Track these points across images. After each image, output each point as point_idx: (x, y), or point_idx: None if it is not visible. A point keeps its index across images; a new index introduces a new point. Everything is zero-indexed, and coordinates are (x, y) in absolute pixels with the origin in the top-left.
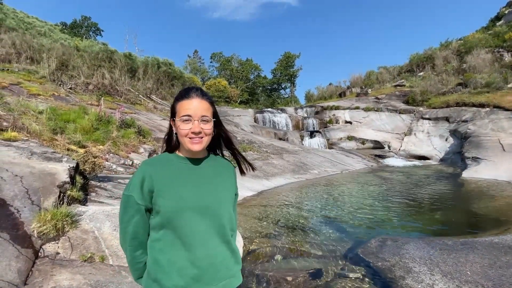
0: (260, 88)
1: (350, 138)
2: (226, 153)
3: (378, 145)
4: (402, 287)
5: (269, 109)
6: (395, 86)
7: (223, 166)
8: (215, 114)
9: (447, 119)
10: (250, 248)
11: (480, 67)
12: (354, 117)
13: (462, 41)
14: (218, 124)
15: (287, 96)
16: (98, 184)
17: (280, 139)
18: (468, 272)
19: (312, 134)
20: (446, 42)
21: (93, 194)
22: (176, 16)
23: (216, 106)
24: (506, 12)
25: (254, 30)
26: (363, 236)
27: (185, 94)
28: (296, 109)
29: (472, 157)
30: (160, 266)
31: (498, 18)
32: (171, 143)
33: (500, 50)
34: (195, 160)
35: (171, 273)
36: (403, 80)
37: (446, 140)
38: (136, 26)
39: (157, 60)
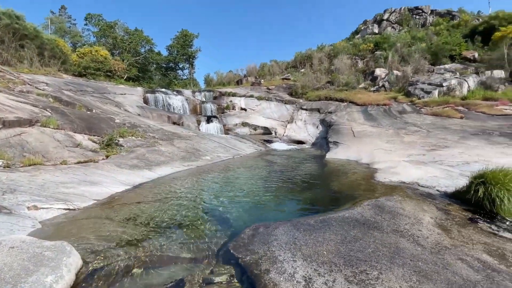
0: (154, 66)
1: (245, 124)
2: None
3: (267, 131)
4: (266, 284)
5: (163, 89)
6: (283, 79)
7: None
8: None
9: (318, 110)
10: (97, 266)
11: (343, 69)
12: (248, 104)
13: (332, 47)
14: None
15: (185, 77)
16: None
17: (174, 123)
18: (325, 252)
19: (209, 119)
20: (321, 46)
21: None
22: None
23: (92, 81)
24: (362, 28)
25: None
26: (241, 226)
27: None
28: (194, 92)
29: (334, 141)
30: None
31: (357, 32)
32: None
33: (356, 57)
34: None
35: None
36: (289, 74)
37: (317, 127)
38: None
39: None
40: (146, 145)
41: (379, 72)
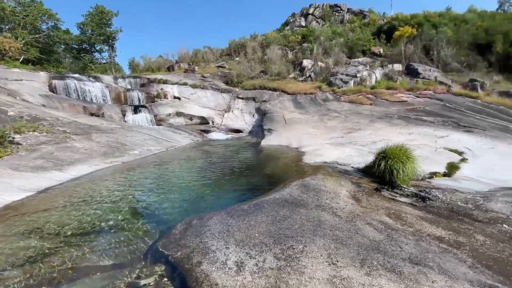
0: (62, 46)
1: (179, 114)
2: None
3: (204, 120)
4: (197, 276)
5: (76, 75)
6: (218, 67)
7: None
8: None
9: (254, 99)
10: None
11: (275, 59)
12: (182, 92)
13: (264, 37)
14: None
15: (105, 62)
16: None
17: (92, 114)
18: (256, 234)
19: (136, 109)
20: (254, 35)
21: None
22: None
23: None
24: (291, 20)
25: None
26: (174, 222)
27: None
28: (116, 78)
29: (268, 129)
30: None
31: (286, 24)
32: None
33: (286, 48)
34: None
35: None
36: (224, 62)
37: (253, 116)
38: None
39: None
40: (55, 141)
41: (306, 63)
